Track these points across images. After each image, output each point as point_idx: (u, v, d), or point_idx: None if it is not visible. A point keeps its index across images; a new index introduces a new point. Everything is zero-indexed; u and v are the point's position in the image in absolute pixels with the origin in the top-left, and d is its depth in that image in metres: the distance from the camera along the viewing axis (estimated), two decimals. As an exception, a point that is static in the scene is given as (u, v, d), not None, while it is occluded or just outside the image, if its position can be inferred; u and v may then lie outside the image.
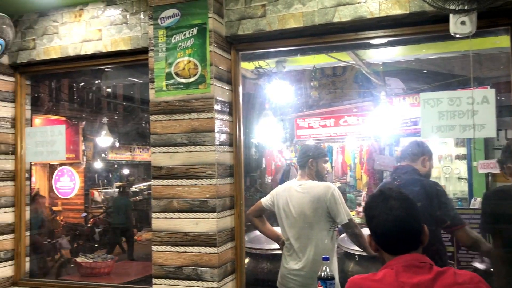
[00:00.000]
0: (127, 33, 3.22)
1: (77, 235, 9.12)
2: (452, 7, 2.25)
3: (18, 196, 3.68)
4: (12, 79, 3.71)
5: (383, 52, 4.35)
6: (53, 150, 3.59)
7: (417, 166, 3.20)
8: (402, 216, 1.68)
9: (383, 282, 1.60)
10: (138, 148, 14.03)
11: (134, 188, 13.45)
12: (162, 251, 2.89)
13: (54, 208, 10.25)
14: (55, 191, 4.76)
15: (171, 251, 2.87)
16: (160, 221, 2.91)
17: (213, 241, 2.78)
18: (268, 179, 8.06)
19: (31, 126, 3.84)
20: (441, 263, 2.78)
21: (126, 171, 14.42)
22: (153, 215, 2.93)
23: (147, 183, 13.55)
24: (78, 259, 4.32)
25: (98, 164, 12.61)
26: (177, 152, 2.89)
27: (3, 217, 3.58)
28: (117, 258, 4.77)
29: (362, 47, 3.84)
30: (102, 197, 12.64)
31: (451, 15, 2.39)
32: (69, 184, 4.61)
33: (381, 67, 5.75)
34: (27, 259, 3.72)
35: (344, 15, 2.72)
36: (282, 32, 2.89)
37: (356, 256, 3.84)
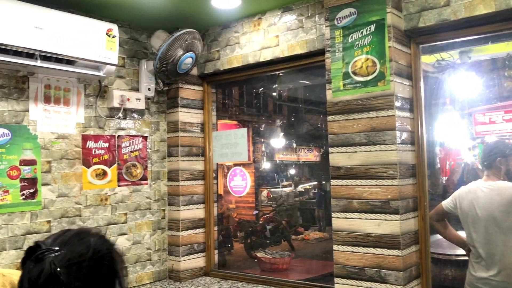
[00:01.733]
0: (302, 37, 3.31)
1: (250, 231, 9.71)
2: None
3: (207, 194, 4.06)
4: (200, 88, 4.10)
5: None
6: (237, 152, 3.87)
7: None
8: None
9: None
10: (302, 149, 14.33)
11: (299, 187, 13.79)
12: (343, 251, 2.89)
13: (229, 206, 11.05)
14: (229, 189, 5.11)
15: (352, 252, 2.85)
16: (340, 221, 2.92)
17: (396, 243, 2.68)
18: (443, 179, 7.51)
19: (216, 130, 4.20)
20: None
21: (291, 171, 14.88)
22: (333, 214, 2.96)
23: (312, 183, 13.77)
24: (259, 254, 4.58)
25: (266, 165, 13.24)
26: (355, 152, 2.87)
27: (195, 212, 3.99)
28: (293, 255, 4.93)
29: None
30: (271, 195, 13.22)
31: None
32: (241, 183, 4.90)
33: None
34: (216, 251, 4.08)
35: (547, -7, 2.39)
36: (469, 20, 2.66)
37: None
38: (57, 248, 1.03)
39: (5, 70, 3.06)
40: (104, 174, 3.54)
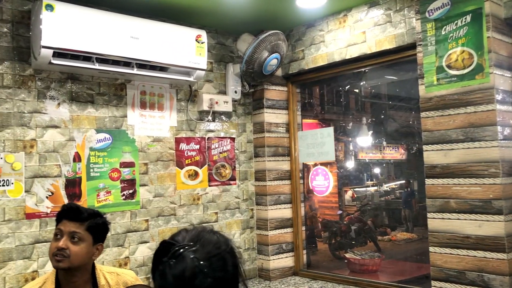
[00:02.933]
0: (391, 32, 3.21)
1: (334, 231, 9.58)
2: None
3: (294, 193, 4.07)
4: (284, 88, 4.13)
5: None
6: (323, 151, 3.84)
7: None
8: None
9: None
10: (387, 147, 13.89)
11: (385, 187, 13.38)
12: (440, 253, 2.76)
13: (313, 205, 10.96)
14: (312, 189, 5.07)
15: (450, 254, 2.72)
16: (437, 222, 2.79)
17: (501, 246, 2.52)
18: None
19: (302, 130, 4.20)
20: None
21: (376, 170, 14.48)
22: (429, 215, 2.84)
23: (398, 182, 13.31)
24: (347, 255, 4.52)
25: (349, 164, 13.01)
26: (452, 149, 2.73)
27: (283, 212, 4.02)
28: (384, 256, 4.80)
29: None
30: (355, 195, 12.96)
31: None
32: (323, 182, 4.84)
33: None
34: (304, 251, 4.07)
35: None
36: None
37: None
38: (192, 244, 1.09)
39: (105, 78, 3.29)
40: (196, 174, 3.68)
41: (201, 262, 1.06)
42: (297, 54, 3.89)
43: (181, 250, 1.08)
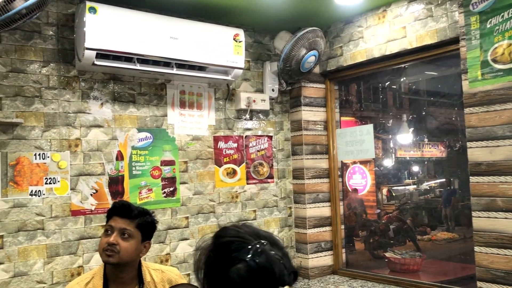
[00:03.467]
0: (432, 26, 3.13)
1: (372, 230, 9.44)
2: None
3: (333, 192, 4.03)
4: (322, 86, 4.10)
5: None
6: (363, 149, 3.79)
7: None
8: None
9: None
10: (426, 144, 13.55)
11: (424, 185, 13.07)
12: (486, 253, 2.68)
13: (351, 204, 10.82)
14: (348, 188, 5.01)
15: (497, 254, 2.63)
16: (482, 221, 2.71)
17: (551, 246, 2.42)
18: None
19: (340, 127, 4.15)
20: None
21: (415, 168, 14.15)
22: (473, 214, 2.76)
23: (438, 180, 12.99)
24: (388, 254, 4.45)
25: (387, 162, 12.77)
26: (498, 146, 2.65)
27: (321, 211, 3.99)
28: (425, 256, 4.69)
29: None
30: (393, 194, 12.72)
31: None
32: (361, 181, 4.78)
33: None
34: (343, 250, 4.03)
35: None
36: None
37: None
38: (263, 241, 1.08)
39: (146, 79, 3.35)
40: (234, 172, 3.71)
41: (283, 258, 1.07)
42: (335, 51, 3.85)
43: (262, 246, 1.06)
